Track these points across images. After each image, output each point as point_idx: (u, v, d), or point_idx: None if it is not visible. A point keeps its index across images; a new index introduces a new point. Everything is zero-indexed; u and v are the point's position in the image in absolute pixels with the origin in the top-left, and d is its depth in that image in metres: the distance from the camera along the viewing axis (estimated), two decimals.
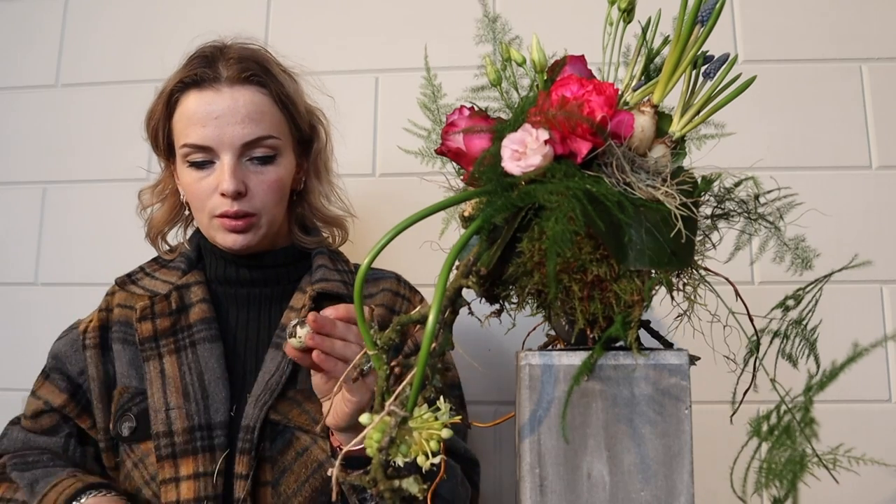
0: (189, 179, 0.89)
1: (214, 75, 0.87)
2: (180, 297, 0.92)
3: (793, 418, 0.49)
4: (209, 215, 0.89)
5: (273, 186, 0.90)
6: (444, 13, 1.30)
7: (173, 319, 0.90)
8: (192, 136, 0.86)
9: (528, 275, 0.55)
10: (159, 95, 0.91)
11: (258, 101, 0.88)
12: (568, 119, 0.54)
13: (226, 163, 0.86)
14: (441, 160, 0.71)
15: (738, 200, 0.62)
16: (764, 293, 1.13)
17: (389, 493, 0.50)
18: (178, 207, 0.98)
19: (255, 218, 0.89)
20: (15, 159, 1.34)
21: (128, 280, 0.96)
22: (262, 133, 0.88)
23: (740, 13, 1.26)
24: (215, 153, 0.87)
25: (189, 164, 0.88)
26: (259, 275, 0.94)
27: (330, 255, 0.98)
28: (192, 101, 0.87)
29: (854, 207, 1.19)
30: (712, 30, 0.57)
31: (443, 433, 0.52)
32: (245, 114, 0.87)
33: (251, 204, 0.88)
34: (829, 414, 1.12)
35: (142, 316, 0.90)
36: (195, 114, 0.86)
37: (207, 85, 0.87)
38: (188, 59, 0.90)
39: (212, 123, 0.86)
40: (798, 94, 1.23)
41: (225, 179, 0.86)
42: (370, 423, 0.51)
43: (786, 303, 0.62)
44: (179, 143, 0.89)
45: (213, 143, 0.86)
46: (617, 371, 0.55)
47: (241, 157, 0.88)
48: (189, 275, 0.94)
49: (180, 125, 0.88)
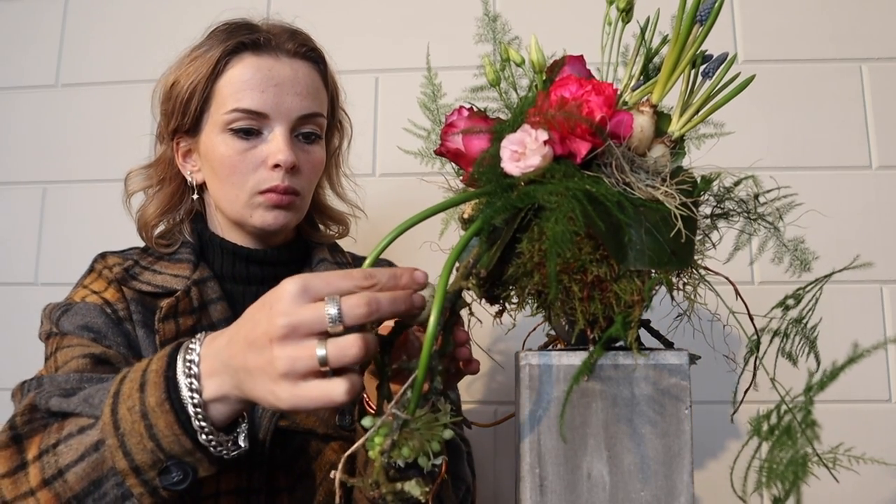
0: (229, 150, 0.82)
1: (276, 42, 0.83)
2: (200, 294, 0.84)
3: (793, 418, 0.49)
4: (251, 191, 0.82)
5: (318, 167, 0.87)
6: (444, 13, 1.30)
7: (196, 318, 0.82)
8: (247, 101, 0.80)
9: (528, 275, 0.55)
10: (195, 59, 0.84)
11: (314, 77, 0.86)
12: (567, 119, 0.54)
13: (279, 134, 0.82)
14: (441, 160, 0.71)
15: (738, 200, 0.62)
16: (764, 293, 1.13)
17: (392, 496, 0.50)
18: (179, 195, 0.91)
19: (299, 198, 0.85)
20: (15, 159, 1.34)
21: (128, 276, 0.84)
22: (316, 109, 0.85)
23: (739, 12, 1.26)
24: (268, 122, 0.82)
25: (233, 133, 0.82)
26: (269, 271, 0.89)
27: (329, 248, 0.96)
28: (249, 64, 0.82)
29: (854, 207, 1.19)
30: (711, 29, 0.57)
31: (444, 434, 0.53)
32: (305, 86, 0.83)
33: (299, 182, 0.84)
34: (829, 414, 1.12)
35: (166, 314, 0.80)
36: (252, 78, 0.81)
37: (268, 51, 0.82)
38: (229, 27, 0.85)
39: (271, 90, 0.81)
40: (798, 94, 1.23)
41: (282, 150, 0.81)
42: (372, 426, 0.51)
43: (786, 302, 0.61)
44: (227, 108, 0.81)
45: (270, 110, 0.81)
46: (617, 371, 0.55)
47: (293, 131, 0.84)
48: (200, 269, 0.86)
49: (229, 89, 0.82)
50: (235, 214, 0.85)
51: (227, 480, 0.77)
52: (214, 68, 0.82)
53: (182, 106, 0.84)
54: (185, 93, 0.84)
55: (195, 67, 0.83)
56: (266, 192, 0.82)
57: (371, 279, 0.52)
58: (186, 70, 0.84)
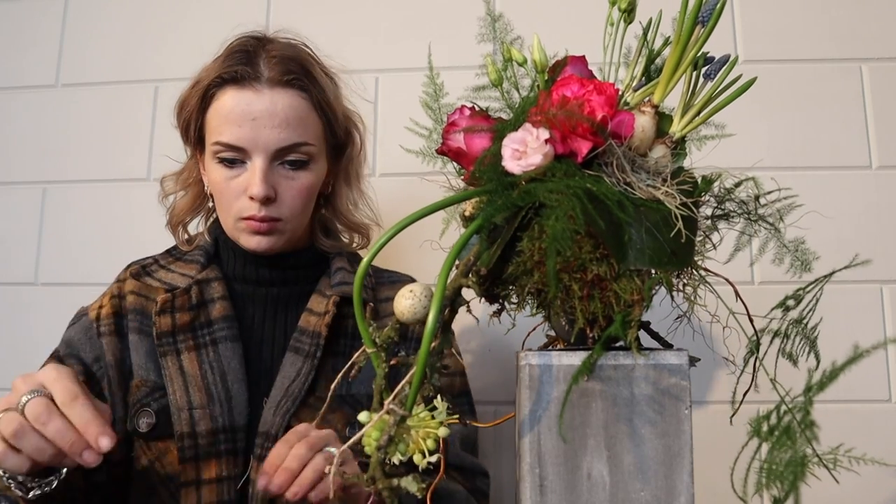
0: (218, 177, 0.87)
1: (255, 74, 0.85)
2: (200, 292, 0.89)
3: (793, 419, 0.49)
4: (235, 217, 0.87)
5: (302, 193, 0.88)
6: (445, 13, 1.30)
7: (193, 315, 0.88)
8: (226, 135, 0.84)
9: (528, 274, 0.55)
10: (194, 86, 0.89)
11: (297, 105, 0.86)
12: (568, 118, 0.54)
13: (257, 166, 0.84)
14: (441, 160, 0.71)
15: (739, 201, 0.62)
16: (764, 293, 1.13)
17: (388, 492, 0.50)
18: (202, 197, 0.97)
19: (281, 223, 0.88)
20: (15, 159, 1.34)
21: (142, 271, 0.93)
22: (297, 140, 0.86)
23: (740, 13, 1.26)
24: (247, 154, 0.85)
25: (219, 161, 0.86)
26: (278, 275, 0.93)
27: (348, 257, 0.97)
28: (229, 98, 0.85)
29: (854, 207, 1.19)
30: (713, 30, 0.57)
31: (440, 432, 0.52)
32: (283, 118, 0.84)
33: (278, 210, 0.87)
34: (829, 414, 1.12)
35: (162, 309, 0.87)
36: (231, 112, 0.84)
37: (247, 84, 0.84)
38: (228, 52, 0.88)
39: (248, 124, 0.84)
40: (798, 94, 1.23)
41: (255, 184, 0.84)
42: (369, 422, 0.51)
43: (786, 303, 0.61)
44: (212, 140, 0.87)
45: (247, 144, 0.84)
46: (617, 371, 0.55)
47: (274, 160, 0.86)
48: (208, 269, 0.92)
49: (214, 122, 0.86)
50: (229, 234, 0.92)
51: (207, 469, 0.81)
52: (202, 101, 0.88)
53: (185, 130, 0.92)
54: (185, 119, 0.91)
55: (189, 95, 0.90)
56: (247, 220, 0.87)
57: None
58: (186, 96, 0.91)
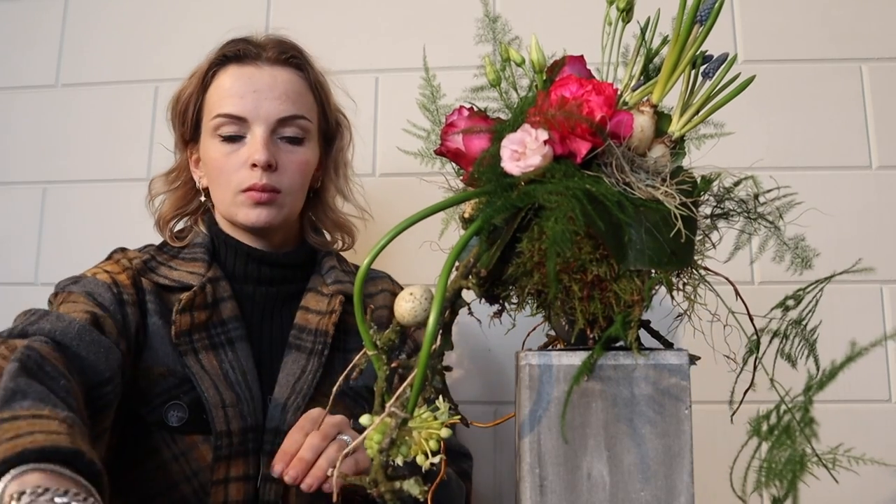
0: (217, 154, 0.88)
1: (256, 52, 0.90)
2: (214, 291, 0.88)
3: (792, 418, 0.49)
4: (234, 190, 0.88)
5: (302, 167, 0.90)
6: (444, 13, 1.30)
7: (208, 314, 0.86)
8: (228, 107, 0.87)
9: (528, 275, 0.55)
10: (193, 74, 0.92)
11: (296, 82, 0.91)
12: (567, 119, 0.54)
13: (258, 135, 0.87)
14: (441, 160, 0.71)
15: (738, 200, 0.62)
16: (764, 293, 1.13)
17: (390, 495, 0.50)
18: (190, 196, 0.97)
19: (280, 195, 0.89)
20: (15, 159, 1.34)
21: (147, 268, 0.88)
22: (297, 112, 0.89)
23: (740, 13, 1.26)
24: (248, 126, 0.87)
25: (219, 138, 0.88)
26: (275, 273, 0.93)
27: (336, 257, 0.99)
28: (231, 74, 0.89)
29: (854, 207, 1.19)
30: (711, 29, 0.57)
31: (442, 433, 0.53)
32: (283, 91, 0.88)
33: (279, 180, 0.88)
34: (829, 414, 1.12)
35: (184, 307, 0.84)
36: (233, 86, 0.88)
37: (249, 61, 0.89)
38: (225, 42, 0.92)
39: (249, 96, 0.87)
40: (798, 94, 1.23)
41: (258, 150, 0.86)
42: (371, 425, 0.51)
43: (786, 303, 0.61)
44: (212, 115, 0.88)
45: (249, 114, 0.87)
46: (617, 371, 0.55)
47: (274, 133, 0.88)
48: (213, 268, 0.91)
49: (215, 97, 0.89)
50: (226, 213, 0.91)
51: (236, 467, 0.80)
52: (204, 80, 0.91)
53: (182, 115, 0.93)
54: (183, 104, 0.92)
55: (188, 82, 0.93)
56: (247, 191, 0.87)
57: None
58: (184, 85, 0.93)
